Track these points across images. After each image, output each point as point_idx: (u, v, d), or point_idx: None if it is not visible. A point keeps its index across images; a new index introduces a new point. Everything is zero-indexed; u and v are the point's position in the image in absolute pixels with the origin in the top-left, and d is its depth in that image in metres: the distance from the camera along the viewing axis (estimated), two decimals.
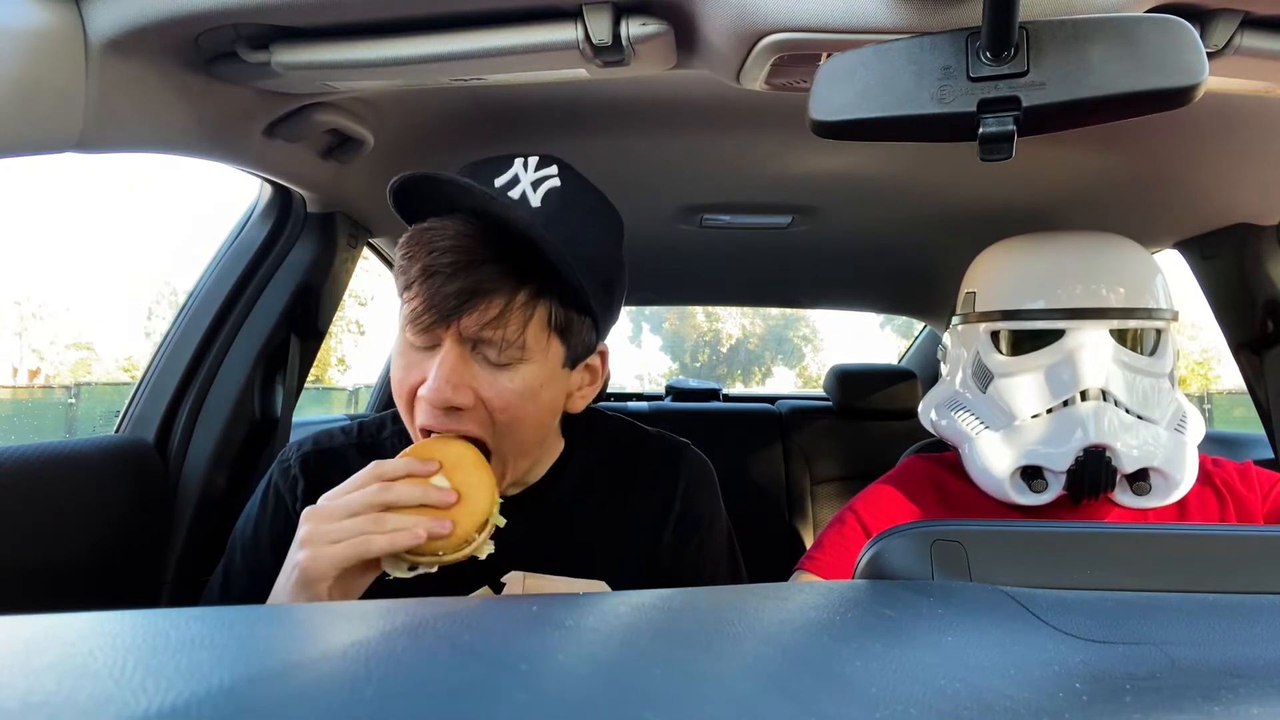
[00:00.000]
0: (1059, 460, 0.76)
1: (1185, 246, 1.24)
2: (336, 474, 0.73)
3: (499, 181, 0.64)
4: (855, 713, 0.25)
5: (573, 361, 0.69)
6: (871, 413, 1.97)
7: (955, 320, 0.92)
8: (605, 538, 0.76)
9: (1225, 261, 1.17)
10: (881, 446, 1.91)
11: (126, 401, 1.04)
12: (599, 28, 0.59)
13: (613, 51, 0.61)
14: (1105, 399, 0.76)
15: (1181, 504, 0.84)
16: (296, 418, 1.18)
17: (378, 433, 0.78)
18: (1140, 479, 0.78)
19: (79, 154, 0.64)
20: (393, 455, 0.74)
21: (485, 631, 0.31)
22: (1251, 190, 1.06)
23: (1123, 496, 0.79)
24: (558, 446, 0.77)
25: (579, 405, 0.72)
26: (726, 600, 0.39)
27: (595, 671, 0.28)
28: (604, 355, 0.73)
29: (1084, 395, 0.77)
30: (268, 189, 1.07)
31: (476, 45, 0.62)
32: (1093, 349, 0.77)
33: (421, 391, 0.63)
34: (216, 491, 1.02)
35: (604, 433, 0.80)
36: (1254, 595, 0.38)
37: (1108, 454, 0.75)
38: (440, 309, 0.60)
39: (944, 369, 0.95)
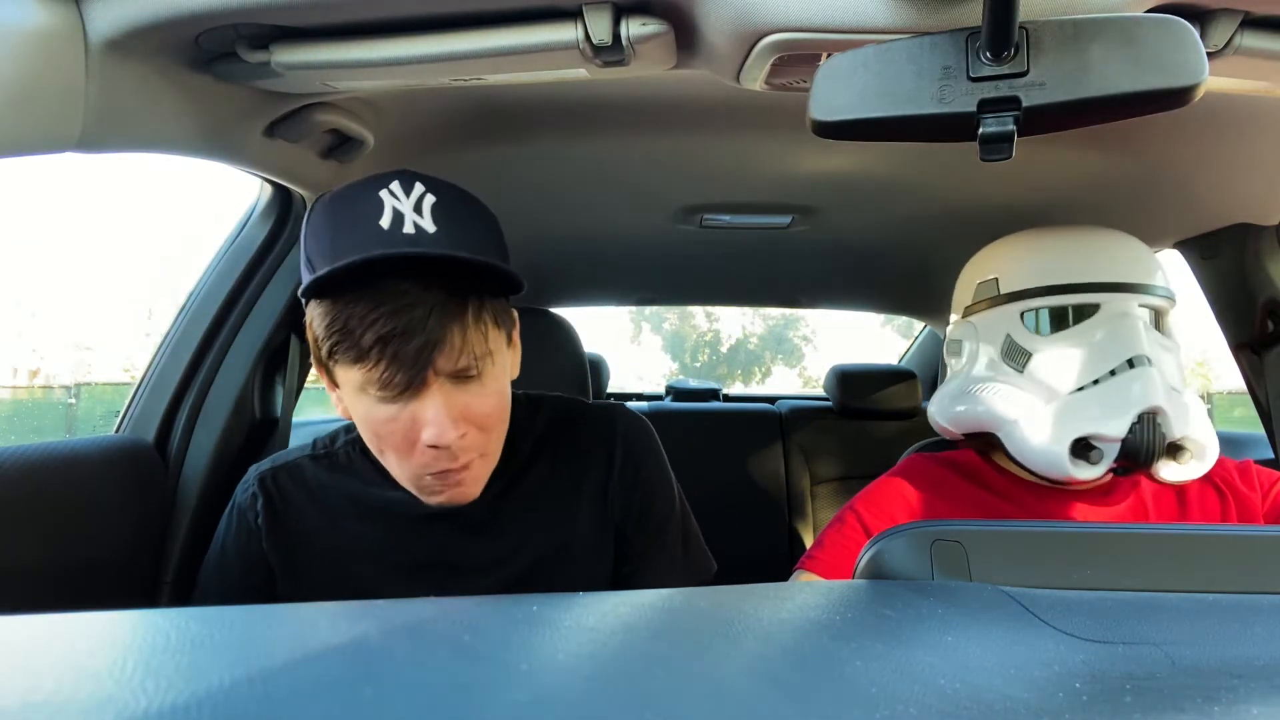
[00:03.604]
0: (1115, 427, 0.76)
1: (1185, 246, 1.24)
2: (293, 485, 0.80)
3: (384, 223, 0.63)
4: (855, 713, 0.25)
5: (508, 338, 0.72)
6: (871, 413, 1.97)
7: (964, 312, 0.91)
8: (559, 503, 0.80)
9: (1225, 261, 1.17)
10: (881, 446, 1.91)
11: (126, 401, 1.04)
12: (599, 28, 0.59)
13: (613, 51, 0.61)
14: (1149, 365, 0.77)
15: (1183, 501, 0.85)
16: (296, 418, 1.18)
17: (332, 444, 0.82)
18: (1177, 449, 0.79)
19: (79, 154, 0.64)
20: (347, 465, 0.80)
21: (485, 631, 0.31)
22: (1251, 190, 1.06)
23: (1164, 469, 0.79)
24: None
25: (515, 373, 0.76)
26: (726, 600, 0.39)
27: (595, 671, 0.28)
28: (515, 322, 0.76)
29: (1130, 363, 0.77)
30: (268, 189, 1.06)
31: (476, 45, 0.62)
32: (1135, 319, 0.78)
33: (425, 438, 0.65)
34: (216, 491, 1.02)
35: (544, 409, 0.84)
36: (1254, 595, 0.38)
37: (1158, 419, 0.75)
38: (412, 368, 0.62)
39: (953, 363, 0.94)
